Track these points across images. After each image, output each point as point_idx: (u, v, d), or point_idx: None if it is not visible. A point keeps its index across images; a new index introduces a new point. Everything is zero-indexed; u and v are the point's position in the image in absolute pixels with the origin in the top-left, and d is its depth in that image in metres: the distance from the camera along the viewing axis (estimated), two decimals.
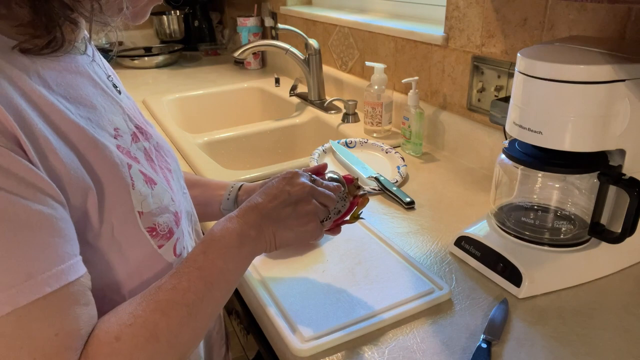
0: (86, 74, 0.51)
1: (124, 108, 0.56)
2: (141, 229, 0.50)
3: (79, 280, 0.43)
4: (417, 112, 1.12)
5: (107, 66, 0.60)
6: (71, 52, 0.50)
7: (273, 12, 1.96)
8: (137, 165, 0.52)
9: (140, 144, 0.55)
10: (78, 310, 0.43)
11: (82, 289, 0.43)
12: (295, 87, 1.60)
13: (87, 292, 0.44)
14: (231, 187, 0.77)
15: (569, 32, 0.86)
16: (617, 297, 0.69)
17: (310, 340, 0.61)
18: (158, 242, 0.52)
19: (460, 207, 0.94)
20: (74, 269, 0.42)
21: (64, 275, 0.41)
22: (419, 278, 0.72)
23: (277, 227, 0.57)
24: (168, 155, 0.62)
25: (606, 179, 0.67)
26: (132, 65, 2.09)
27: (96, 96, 0.51)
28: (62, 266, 0.41)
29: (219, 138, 1.34)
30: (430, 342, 0.62)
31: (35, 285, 0.39)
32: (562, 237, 0.76)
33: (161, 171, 0.57)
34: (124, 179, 0.49)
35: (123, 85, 0.62)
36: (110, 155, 0.48)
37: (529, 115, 0.68)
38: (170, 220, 0.54)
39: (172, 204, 0.55)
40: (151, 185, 0.53)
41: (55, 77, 0.46)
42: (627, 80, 0.62)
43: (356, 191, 0.69)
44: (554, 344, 0.61)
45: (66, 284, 0.41)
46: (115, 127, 0.52)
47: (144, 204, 0.51)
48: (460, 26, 1.09)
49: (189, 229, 0.62)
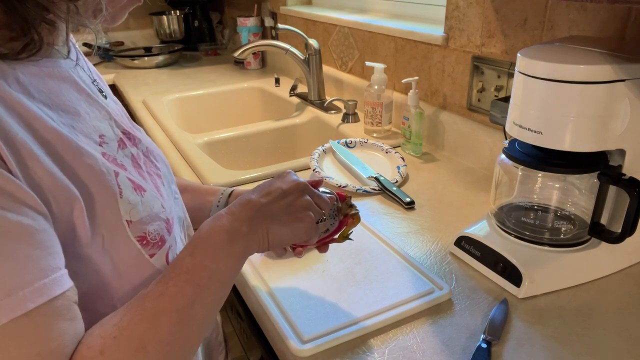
0: (69, 79, 0.50)
1: (110, 113, 0.54)
2: (131, 238, 0.49)
3: (64, 294, 0.40)
4: (417, 112, 1.12)
5: (93, 70, 0.58)
6: (53, 56, 0.49)
7: (273, 12, 1.96)
8: (124, 172, 0.50)
9: (127, 150, 0.54)
10: (63, 326, 0.40)
11: (67, 304, 0.41)
12: (295, 87, 1.60)
13: (72, 306, 0.42)
14: (221, 194, 0.75)
15: (569, 32, 0.86)
16: (617, 297, 0.69)
17: (310, 341, 0.61)
18: (149, 251, 0.50)
19: (460, 207, 0.94)
20: (58, 282, 0.40)
21: (48, 289, 0.39)
22: (419, 278, 0.72)
23: (270, 222, 0.53)
24: (158, 160, 0.61)
25: (606, 179, 0.67)
26: (132, 65, 2.09)
27: (80, 102, 0.50)
28: (45, 280, 0.39)
29: (219, 138, 1.34)
30: (430, 342, 0.62)
31: (17, 301, 0.37)
32: (562, 237, 0.76)
33: (150, 177, 0.55)
34: (111, 187, 0.47)
35: (110, 91, 0.61)
36: (95, 163, 0.46)
37: (529, 115, 0.68)
38: (162, 228, 0.52)
39: (162, 211, 0.54)
40: (140, 192, 0.51)
41: (36, 84, 0.45)
42: (627, 80, 0.62)
43: (348, 209, 0.66)
44: (554, 344, 0.61)
45: (50, 299, 0.39)
46: (100, 134, 0.50)
47: (132, 213, 0.49)
48: (460, 26, 1.09)
49: (182, 235, 0.61)
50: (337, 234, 0.65)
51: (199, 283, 0.48)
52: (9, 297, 0.37)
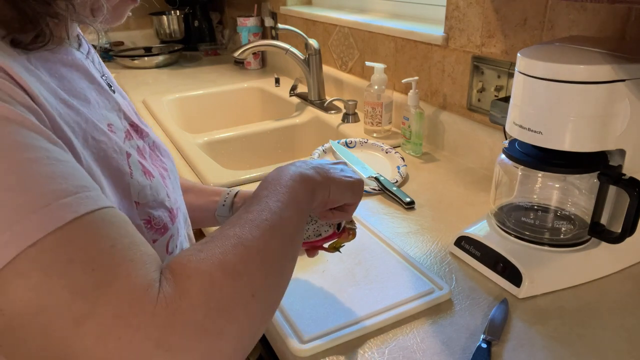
0: (82, 68, 0.50)
1: (119, 104, 0.55)
2: (138, 220, 0.49)
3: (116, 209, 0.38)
4: (417, 112, 1.12)
5: (102, 65, 0.59)
6: (65, 46, 0.49)
7: (273, 12, 1.96)
8: (134, 156, 0.51)
9: (133, 142, 0.54)
10: (131, 229, 0.37)
11: (125, 217, 0.38)
12: (295, 87, 1.60)
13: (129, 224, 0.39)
14: (227, 194, 0.75)
15: (569, 32, 0.86)
16: (617, 297, 0.69)
17: (310, 341, 0.61)
18: (152, 236, 0.50)
19: (460, 207, 0.94)
20: (102, 199, 0.37)
21: (100, 200, 0.36)
22: (419, 278, 0.72)
23: (333, 176, 0.56)
24: (164, 155, 0.61)
25: (606, 179, 0.67)
26: (132, 65, 2.09)
27: (90, 91, 0.50)
28: (95, 192, 0.37)
29: (219, 138, 1.34)
30: (430, 342, 0.62)
31: (73, 202, 0.34)
32: (562, 237, 0.76)
33: (156, 169, 0.56)
34: (123, 167, 0.47)
35: (118, 86, 0.61)
36: (109, 140, 0.46)
37: (529, 115, 0.68)
38: (165, 216, 0.53)
39: (167, 199, 0.54)
40: (149, 177, 0.52)
41: (49, 69, 0.45)
42: (627, 80, 0.62)
43: (348, 222, 0.65)
44: (554, 344, 0.61)
45: (106, 206, 0.36)
46: (109, 123, 0.50)
47: (140, 195, 0.49)
48: (460, 26, 1.09)
49: (184, 230, 0.61)
50: (329, 243, 0.65)
51: (278, 219, 0.46)
52: (63, 199, 0.34)
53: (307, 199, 0.52)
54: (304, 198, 0.51)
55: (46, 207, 0.33)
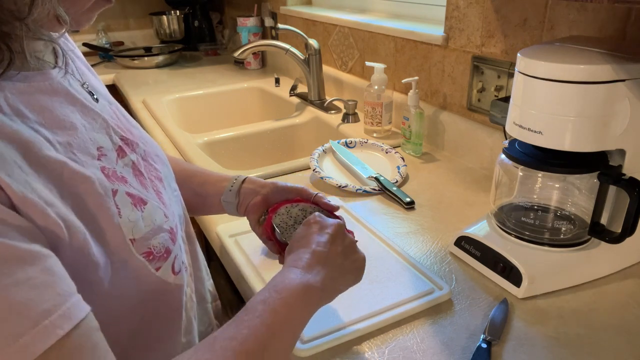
0: (62, 91, 0.49)
1: (106, 120, 0.53)
2: (137, 256, 0.48)
3: (88, 317, 0.39)
4: (417, 112, 1.12)
5: (82, 71, 0.57)
6: (41, 67, 0.47)
7: (273, 12, 1.96)
8: (123, 187, 0.50)
9: (127, 158, 0.53)
10: (98, 343, 0.40)
11: (92, 325, 0.40)
12: (295, 87, 1.60)
13: (96, 330, 0.41)
14: (234, 179, 0.75)
15: (569, 32, 0.86)
16: (617, 297, 0.69)
17: (310, 341, 0.61)
18: (155, 264, 0.50)
19: (460, 207, 0.94)
20: (79, 306, 0.39)
21: (74, 313, 0.38)
22: (419, 278, 0.72)
23: (339, 274, 0.56)
24: (157, 162, 0.60)
25: (606, 179, 0.67)
26: (132, 65, 2.09)
27: (75, 114, 0.49)
28: (68, 304, 0.38)
29: (219, 138, 1.34)
30: (430, 342, 0.62)
31: (44, 331, 0.36)
32: (562, 237, 0.76)
33: (151, 184, 0.55)
34: (109, 209, 0.47)
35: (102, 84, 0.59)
36: (92, 187, 0.46)
37: (529, 115, 0.68)
38: (166, 239, 0.52)
39: (165, 221, 0.53)
40: (141, 207, 0.51)
41: (27, 102, 0.44)
42: (627, 80, 0.62)
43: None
44: (554, 344, 0.61)
45: (78, 322, 0.38)
46: (98, 147, 0.50)
47: (135, 231, 0.49)
48: (460, 26, 1.09)
49: (182, 234, 0.61)
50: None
51: (272, 328, 0.47)
52: (36, 328, 0.35)
53: (306, 316, 0.52)
54: (303, 316, 0.51)
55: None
